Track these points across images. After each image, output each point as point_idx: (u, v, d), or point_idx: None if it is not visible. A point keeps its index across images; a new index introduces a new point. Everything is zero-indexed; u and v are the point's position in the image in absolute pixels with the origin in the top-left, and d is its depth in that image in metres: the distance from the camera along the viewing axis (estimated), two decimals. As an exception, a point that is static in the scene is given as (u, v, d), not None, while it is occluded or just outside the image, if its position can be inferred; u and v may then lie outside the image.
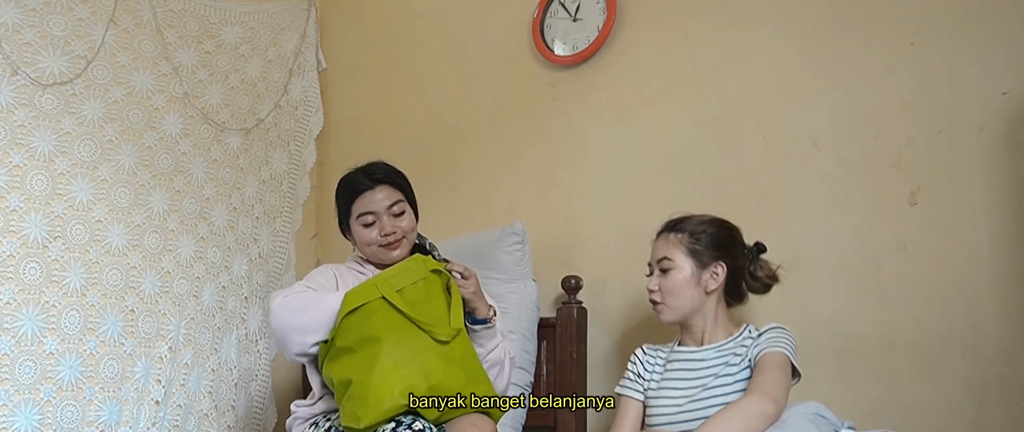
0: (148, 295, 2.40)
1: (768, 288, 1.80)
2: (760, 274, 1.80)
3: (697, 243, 1.77)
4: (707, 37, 2.20)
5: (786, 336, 1.70)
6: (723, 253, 1.77)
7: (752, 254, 1.80)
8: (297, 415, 1.93)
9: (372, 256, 2.00)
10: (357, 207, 1.97)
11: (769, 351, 1.66)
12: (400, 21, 2.97)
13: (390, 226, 1.95)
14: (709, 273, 1.76)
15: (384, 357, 1.69)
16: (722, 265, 1.76)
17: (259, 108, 2.81)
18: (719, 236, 1.78)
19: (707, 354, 1.75)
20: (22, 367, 2.14)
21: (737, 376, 1.70)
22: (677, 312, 1.78)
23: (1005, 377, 1.71)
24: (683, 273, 1.76)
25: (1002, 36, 1.77)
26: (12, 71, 2.22)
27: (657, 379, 1.82)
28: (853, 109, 1.95)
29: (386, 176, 2.00)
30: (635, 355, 1.91)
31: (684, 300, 1.77)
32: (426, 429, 1.62)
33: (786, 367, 1.64)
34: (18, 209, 2.19)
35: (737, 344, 1.75)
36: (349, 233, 2.04)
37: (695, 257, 1.76)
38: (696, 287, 1.76)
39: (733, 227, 1.82)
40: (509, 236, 2.28)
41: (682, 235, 1.79)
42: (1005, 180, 1.74)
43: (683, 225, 1.80)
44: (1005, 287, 1.73)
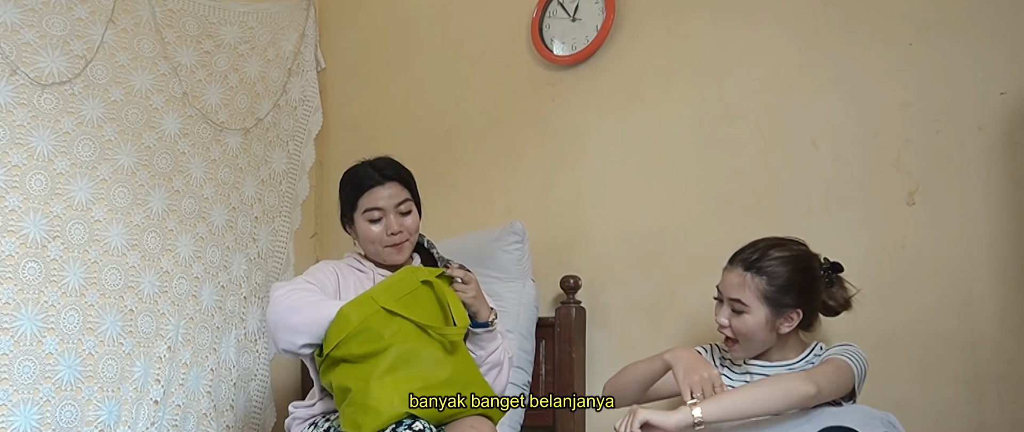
0: (147, 295, 2.40)
1: (837, 314, 1.74)
2: (832, 304, 1.72)
3: (774, 289, 1.66)
4: (706, 37, 2.21)
5: (859, 354, 1.64)
6: (802, 299, 1.67)
7: (827, 278, 1.71)
8: (296, 415, 1.93)
9: (374, 254, 1.98)
10: (364, 202, 1.93)
11: (833, 355, 1.63)
12: (399, 21, 2.97)
13: (397, 225, 1.92)
14: (784, 318, 1.67)
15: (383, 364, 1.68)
16: (799, 312, 1.67)
17: (258, 108, 2.81)
18: (798, 281, 1.67)
19: (779, 371, 1.69)
20: (21, 367, 2.14)
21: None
22: (750, 352, 1.73)
23: (1003, 376, 1.71)
24: (757, 318, 1.67)
25: (1000, 36, 1.77)
26: (11, 71, 2.22)
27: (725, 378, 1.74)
28: (852, 109, 1.95)
29: (396, 173, 1.97)
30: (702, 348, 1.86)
31: (758, 343, 1.70)
32: (426, 429, 1.62)
33: (843, 369, 1.59)
34: (17, 209, 2.19)
35: (805, 363, 1.71)
36: (351, 227, 2.00)
37: (770, 304, 1.66)
38: (770, 331, 1.68)
39: (811, 263, 1.70)
40: (509, 235, 2.28)
41: (759, 278, 1.66)
42: (1003, 180, 1.74)
43: (760, 264, 1.67)
44: (1003, 286, 1.73)
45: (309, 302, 1.79)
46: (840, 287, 1.73)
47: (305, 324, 1.76)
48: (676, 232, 2.21)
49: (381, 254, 1.95)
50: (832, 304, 1.71)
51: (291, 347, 1.78)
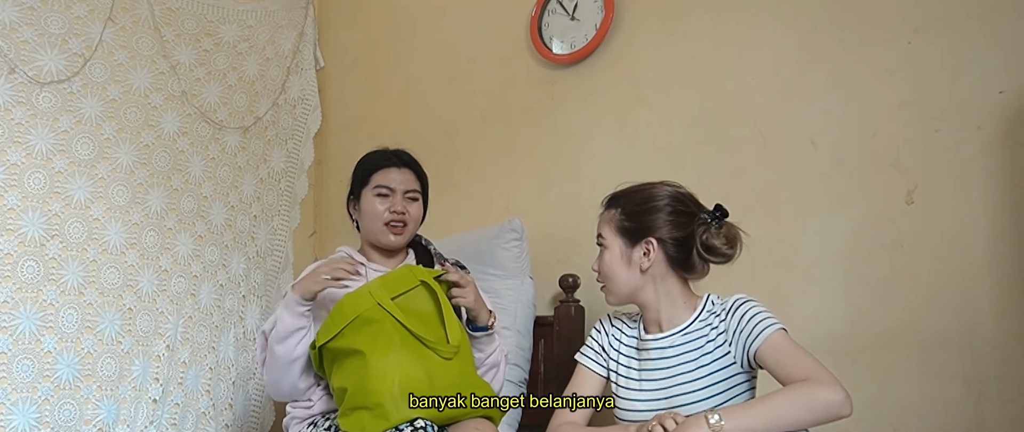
0: (146, 293, 2.40)
1: (729, 258, 1.59)
2: (714, 242, 1.58)
3: (625, 217, 1.62)
4: (705, 36, 2.21)
5: (760, 307, 1.54)
6: (656, 227, 1.59)
7: (707, 222, 1.59)
8: (293, 415, 1.92)
9: (372, 233, 1.98)
10: (377, 178, 1.98)
11: (769, 335, 1.48)
12: (398, 19, 2.97)
13: (401, 206, 1.97)
14: (640, 251, 1.60)
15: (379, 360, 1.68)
16: (652, 243, 1.59)
17: (257, 106, 2.81)
18: (651, 208, 1.60)
19: (673, 340, 1.60)
20: (20, 365, 2.14)
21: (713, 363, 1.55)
22: (616, 294, 1.65)
23: (1002, 375, 1.71)
24: (612, 253, 1.63)
25: (999, 36, 1.77)
26: (10, 69, 2.22)
27: (627, 370, 1.67)
28: (851, 108, 1.95)
29: (412, 162, 2.04)
30: (600, 324, 1.76)
31: (619, 282, 1.63)
32: (427, 427, 1.62)
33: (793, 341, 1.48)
34: (16, 207, 2.19)
35: (703, 323, 1.59)
36: (357, 206, 2.02)
37: (625, 235, 1.62)
38: (628, 267, 1.61)
39: (675, 195, 1.62)
40: (507, 232, 2.28)
41: (615, 210, 1.64)
42: (1002, 179, 1.74)
43: (619, 199, 1.65)
44: (1002, 285, 1.73)
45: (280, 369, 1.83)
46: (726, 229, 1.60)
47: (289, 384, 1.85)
48: (675, 231, 2.21)
49: (379, 233, 1.97)
50: (715, 244, 1.57)
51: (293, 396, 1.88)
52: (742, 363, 1.54)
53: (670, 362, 1.60)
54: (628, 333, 1.72)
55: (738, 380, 1.55)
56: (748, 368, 1.55)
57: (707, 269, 1.63)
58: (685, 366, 1.58)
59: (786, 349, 1.47)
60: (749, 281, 2.00)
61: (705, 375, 1.56)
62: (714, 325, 1.58)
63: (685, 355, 1.59)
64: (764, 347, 1.48)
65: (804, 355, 1.45)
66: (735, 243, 1.60)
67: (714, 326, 1.58)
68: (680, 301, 1.63)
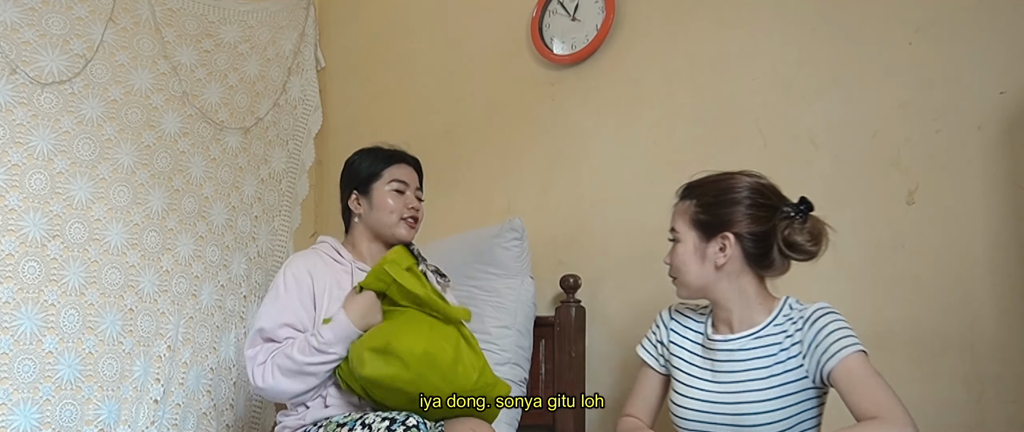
0: (147, 294, 2.40)
1: (813, 255, 1.49)
2: (798, 238, 1.47)
3: (700, 209, 1.53)
4: (705, 36, 2.21)
5: (841, 321, 1.44)
6: (734, 221, 1.49)
7: (790, 215, 1.49)
8: (284, 424, 1.89)
9: (385, 225, 1.99)
10: (394, 172, 2.00)
11: (847, 356, 1.39)
12: (399, 20, 2.97)
13: (414, 202, 2.01)
14: (715, 246, 1.51)
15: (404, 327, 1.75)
16: (728, 237, 1.50)
17: (258, 107, 2.81)
18: (728, 199, 1.50)
19: (744, 343, 1.52)
20: (21, 366, 2.14)
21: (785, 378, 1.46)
22: (687, 288, 1.56)
23: (1002, 375, 1.71)
24: (686, 246, 1.54)
25: (1000, 36, 1.77)
26: (11, 70, 2.22)
27: (690, 368, 1.59)
28: (851, 108, 1.95)
29: (417, 163, 2.09)
30: (660, 317, 1.70)
31: (691, 276, 1.54)
32: (420, 425, 1.62)
33: (871, 366, 1.40)
34: (17, 208, 2.19)
35: (778, 328, 1.50)
36: (364, 198, 2.01)
37: (700, 228, 1.52)
38: (702, 262, 1.53)
39: (755, 187, 1.52)
40: (508, 232, 2.28)
41: (690, 202, 1.55)
42: (1003, 179, 1.74)
43: (694, 189, 1.56)
44: (1003, 286, 1.73)
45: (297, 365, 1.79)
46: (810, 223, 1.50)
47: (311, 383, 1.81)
48: (676, 231, 2.21)
49: (393, 227, 1.99)
50: (798, 240, 1.48)
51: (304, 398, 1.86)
52: (814, 379, 1.45)
53: (739, 366, 1.51)
54: (694, 328, 1.64)
55: (808, 394, 1.47)
56: (821, 384, 1.46)
57: (787, 267, 1.54)
58: (756, 373, 1.49)
59: (862, 375, 1.38)
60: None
61: (776, 386, 1.47)
62: (789, 333, 1.49)
63: (756, 361, 1.49)
64: (839, 369, 1.40)
65: (879, 385, 1.37)
66: (821, 239, 1.50)
67: (789, 334, 1.49)
68: (755, 301, 1.54)
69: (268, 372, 1.81)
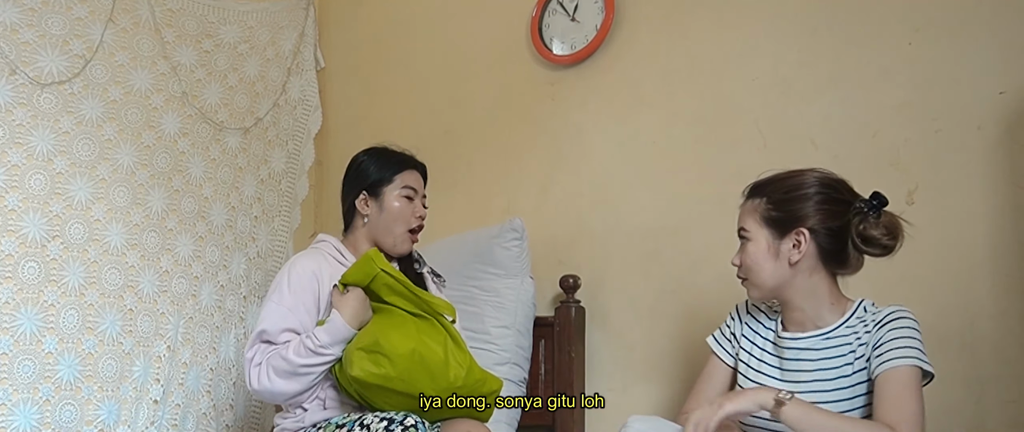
0: (147, 294, 2.40)
1: (890, 249, 1.46)
2: (874, 233, 1.44)
3: (771, 206, 1.50)
4: (705, 36, 2.21)
5: (912, 331, 1.41)
6: (808, 216, 1.47)
7: (863, 210, 1.47)
8: (283, 427, 1.88)
9: (390, 234, 1.95)
10: (405, 178, 1.97)
11: (899, 365, 1.37)
12: (398, 20, 2.97)
13: (421, 210, 1.98)
14: (789, 243, 1.48)
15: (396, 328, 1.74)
16: (803, 232, 1.47)
17: (257, 107, 2.81)
18: (800, 195, 1.48)
19: (814, 343, 1.50)
20: (21, 366, 2.14)
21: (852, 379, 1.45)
22: (761, 289, 1.53)
23: (1002, 376, 1.71)
24: (758, 245, 1.51)
25: (999, 36, 1.77)
26: (11, 70, 2.22)
27: (760, 365, 1.58)
28: (851, 108, 1.95)
29: (425, 171, 2.06)
30: (736, 311, 1.68)
31: (765, 275, 1.51)
32: (418, 425, 1.62)
33: (919, 383, 1.37)
34: (17, 208, 2.19)
35: (850, 330, 1.48)
36: (373, 201, 1.96)
37: (772, 225, 1.50)
38: (776, 260, 1.49)
39: (827, 182, 1.50)
40: (508, 232, 2.28)
41: (759, 199, 1.52)
42: (1002, 179, 1.74)
43: (763, 187, 1.53)
44: (1002, 286, 1.73)
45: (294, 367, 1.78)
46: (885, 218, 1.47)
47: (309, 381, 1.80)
48: (675, 231, 2.21)
49: (398, 239, 1.96)
50: (874, 234, 1.45)
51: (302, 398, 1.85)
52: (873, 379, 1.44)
53: (808, 366, 1.50)
54: (767, 326, 1.62)
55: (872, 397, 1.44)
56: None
57: (861, 263, 1.52)
58: (824, 373, 1.48)
59: (902, 387, 1.37)
60: (749, 281, 2.01)
61: (844, 387, 1.46)
62: (860, 335, 1.47)
63: (826, 361, 1.48)
64: (885, 375, 1.39)
65: (912, 401, 1.35)
66: (897, 234, 1.47)
67: (860, 336, 1.47)
68: (827, 301, 1.52)
69: (264, 373, 1.80)
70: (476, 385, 1.77)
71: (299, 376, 1.77)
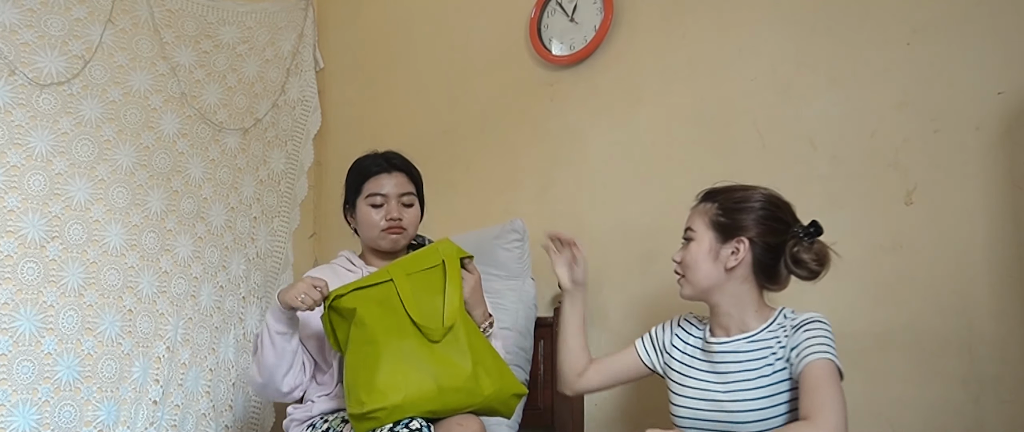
0: (146, 295, 2.40)
1: (816, 275, 1.58)
2: (804, 257, 1.56)
3: (721, 212, 1.61)
4: (704, 37, 2.21)
5: (826, 332, 1.52)
6: (750, 228, 1.58)
7: (800, 235, 1.58)
8: (293, 417, 1.93)
9: (371, 240, 1.99)
10: (369, 186, 1.97)
11: (815, 360, 1.46)
12: (398, 21, 2.97)
13: (396, 212, 1.96)
14: (729, 249, 1.59)
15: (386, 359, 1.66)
16: (743, 241, 1.57)
17: (257, 108, 2.81)
18: (748, 208, 1.59)
19: (739, 345, 1.60)
20: (20, 367, 2.14)
21: (773, 378, 1.54)
22: (694, 287, 1.64)
23: (1001, 376, 1.71)
24: (701, 245, 1.61)
25: (998, 36, 1.77)
26: (10, 71, 2.22)
27: (688, 369, 1.67)
28: (849, 108, 1.95)
29: (403, 165, 2.02)
30: (669, 322, 1.78)
31: (701, 275, 1.61)
32: (423, 429, 1.62)
33: (836, 378, 1.45)
34: (16, 209, 2.19)
35: (771, 334, 1.58)
36: (352, 215, 2.03)
37: (717, 230, 1.60)
38: (714, 262, 1.60)
39: (773, 200, 1.61)
40: (509, 233, 2.28)
41: (711, 204, 1.63)
42: (1001, 179, 1.74)
43: (716, 194, 1.65)
44: (1001, 286, 1.73)
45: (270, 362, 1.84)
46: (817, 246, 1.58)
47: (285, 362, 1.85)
48: (674, 231, 2.19)
49: (378, 239, 1.97)
50: (805, 258, 1.56)
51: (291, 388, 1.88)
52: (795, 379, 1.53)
53: (735, 367, 1.59)
54: (695, 335, 1.72)
55: (795, 394, 1.53)
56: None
57: (787, 282, 1.63)
58: (749, 373, 1.57)
59: (818, 379, 1.45)
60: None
61: (765, 386, 1.55)
62: (780, 338, 1.56)
63: (750, 362, 1.57)
64: (805, 370, 1.47)
65: (828, 392, 1.43)
66: (824, 262, 1.58)
67: (780, 340, 1.56)
68: (752, 308, 1.62)
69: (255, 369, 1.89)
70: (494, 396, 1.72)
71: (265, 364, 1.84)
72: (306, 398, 1.94)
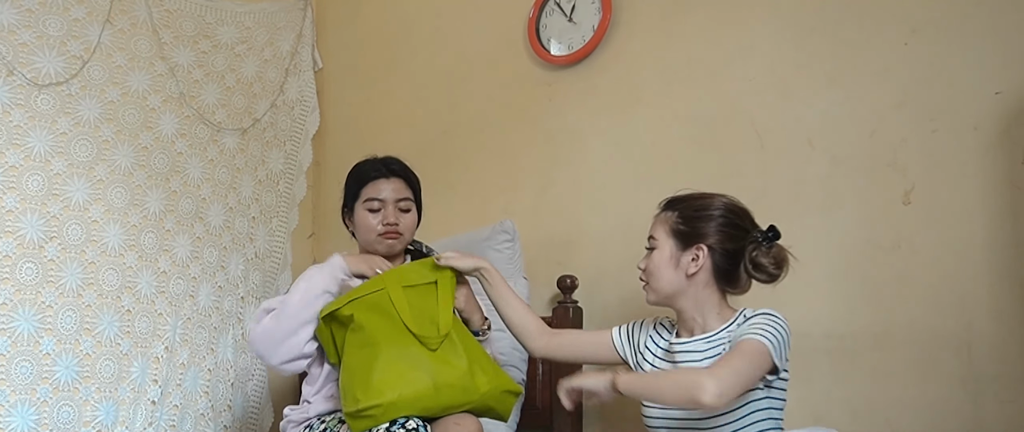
0: (144, 295, 2.40)
1: (774, 278, 1.63)
2: (763, 261, 1.62)
3: (681, 221, 1.66)
4: (702, 37, 2.21)
5: (773, 323, 1.55)
6: (709, 235, 1.63)
7: (758, 240, 1.63)
8: (290, 418, 1.92)
9: (368, 244, 2.00)
10: (367, 191, 1.98)
11: (746, 336, 1.52)
12: (396, 21, 2.97)
13: (393, 217, 1.97)
14: (690, 256, 1.63)
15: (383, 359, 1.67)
16: (702, 248, 1.62)
17: (255, 108, 2.81)
18: (708, 216, 1.64)
19: (698, 345, 1.64)
20: (18, 367, 2.14)
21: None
22: (657, 294, 1.69)
23: (1000, 375, 1.71)
24: (662, 253, 1.66)
25: (996, 36, 1.77)
26: (8, 72, 2.22)
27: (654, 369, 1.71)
28: (848, 108, 1.95)
29: (402, 171, 2.03)
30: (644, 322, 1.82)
31: (663, 282, 1.66)
32: (419, 428, 1.62)
33: (757, 356, 1.49)
34: (14, 209, 2.19)
35: (728, 333, 1.63)
36: (350, 219, 2.03)
37: (678, 237, 1.65)
38: (675, 269, 1.65)
39: (732, 208, 1.66)
40: (499, 234, 2.28)
41: (671, 213, 1.68)
42: (999, 179, 1.74)
43: (677, 203, 1.69)
44: (999, 285, 1.73)
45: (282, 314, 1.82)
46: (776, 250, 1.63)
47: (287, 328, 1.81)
48: (673, 232, 2.21)
49: (375, 243, 1.98)
50: (764, 262, 1.61)
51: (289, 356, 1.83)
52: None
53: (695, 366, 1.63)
54: (665, 337, 1.76)
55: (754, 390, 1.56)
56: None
57: (748, 286, 1.67)
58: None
59: (736, 349, 1.51)
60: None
61: None
62: (732, 333, 1.62)
63: (707, 360, 1.61)
64: (736, 342, 1.53)
65: (737, 359, 1.48)
66: (783, 265, 1.63)
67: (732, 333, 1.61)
68: (714, 312, 1.66)
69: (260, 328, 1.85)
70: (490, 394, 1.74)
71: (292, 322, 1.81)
72: (302, 399, 1.94)
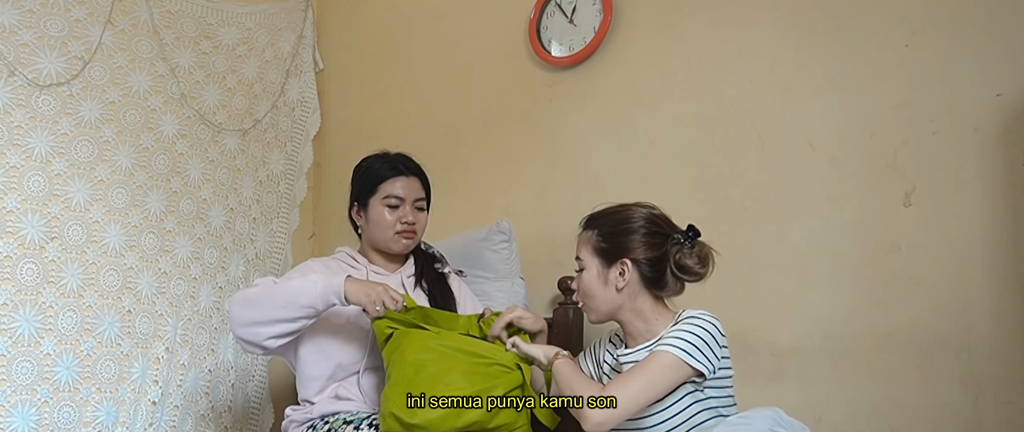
0: (145, 296, 2.40)
1: (701, 276, 1.65)
2: (687, 262, 1.63)
3: (601, 238, 1.67)
4: (703, 38, 2.21)
5: (689, 329, 1.56)
6: (632, 248, 1.64)
7: (680, 241, 1.65)
8: (293, 419, 1.93)
9: (382, 241, 1.99)
10: (386, 187, 1.98)
11: (657, 348, 1.54)
12: (397, 22, 2.97)
13: (412, 216, 1.99)
14: (616, 271, 1.65)
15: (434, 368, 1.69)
16: (627, 262, 1.64)
17: (256, 109, 2.81)
18: (625, 229, 1.66)
19: (639, 355, 1.63)
20: (19, 368, 2.14)
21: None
22: (597, 312, 1.70)
23: (1000, 377, 1.71)
24: (590, 273, 1.68)
25: (997, 38, 1.78)
26: (9, 72, 2.22)
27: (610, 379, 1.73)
28: (848, 110, 1.95)
29: (418, 171, 2.05)
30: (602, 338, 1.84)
31: (598, 300, 1.68)
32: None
33: (663, 369, 1.52)
34: (15, 210, 2.20)
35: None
36: (362, 213, 2.02)
37: (602, 255, 1.67)
38: (605, 286, 1.66)
39: (649, 217, 1.68)
40: (496, 235, 2.29)
41: (591, 232, 1.70)
42: (999, 181, 1.74)
43: (596, 220, 1.71)
44: (1000, 287, 1.73)
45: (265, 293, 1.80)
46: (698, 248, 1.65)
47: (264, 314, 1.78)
48: (673, 233, 2.21)
49: (390, 241, 1.98)
50: (688, 264, 1.63)
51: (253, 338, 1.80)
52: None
53: None
54: (613, 351, 1.78)
55: (686, 390, 1.58)
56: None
57: (681, 287, 1.68)
58: None
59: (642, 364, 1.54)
60: (747, 283, 2.01)
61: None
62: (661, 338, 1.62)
63: None
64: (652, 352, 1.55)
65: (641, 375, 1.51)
66: (707, 262, 1.65)
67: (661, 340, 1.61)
68: (652, 317, 1.67)
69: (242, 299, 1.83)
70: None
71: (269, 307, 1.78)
72: (302, 399, 1.94)
